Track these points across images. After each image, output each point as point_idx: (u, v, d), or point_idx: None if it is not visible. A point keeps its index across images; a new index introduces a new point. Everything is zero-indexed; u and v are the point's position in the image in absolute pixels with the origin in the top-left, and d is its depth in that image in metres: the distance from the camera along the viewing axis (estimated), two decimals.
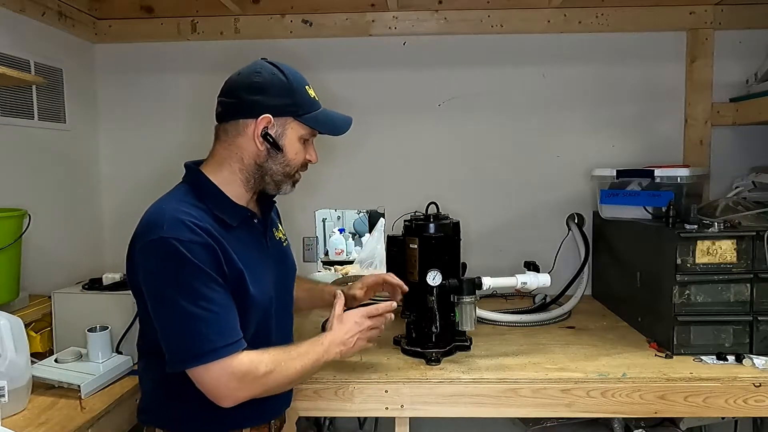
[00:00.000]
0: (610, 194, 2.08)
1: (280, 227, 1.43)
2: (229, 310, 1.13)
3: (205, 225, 1.14)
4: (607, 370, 1.57)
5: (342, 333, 1.30)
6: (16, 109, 1.95)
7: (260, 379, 1.13)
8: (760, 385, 1.50)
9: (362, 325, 1.33)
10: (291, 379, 1.19)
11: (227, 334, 1.11)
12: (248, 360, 1.12)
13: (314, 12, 2.37)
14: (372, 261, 2.85)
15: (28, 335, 1.51)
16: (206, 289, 1.10)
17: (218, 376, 1.10)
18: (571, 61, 2.39)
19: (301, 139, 1.25)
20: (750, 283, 1.64)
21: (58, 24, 2.16)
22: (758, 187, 2.11)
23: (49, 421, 1.31)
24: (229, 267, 1.14)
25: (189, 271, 1.09)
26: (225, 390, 1.11)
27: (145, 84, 2.46)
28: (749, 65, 2.29)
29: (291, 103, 1.22)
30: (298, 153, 1.26)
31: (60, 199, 2.19)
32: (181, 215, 1.13)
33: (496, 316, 2.02)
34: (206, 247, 1.11)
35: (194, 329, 1.09)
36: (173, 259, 1.09)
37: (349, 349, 1.30)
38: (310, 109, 1.25)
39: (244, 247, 1.21)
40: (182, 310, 1.08)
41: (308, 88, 1.26)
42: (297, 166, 1.27)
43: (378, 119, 2.44)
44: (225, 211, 1.21)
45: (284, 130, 1.22)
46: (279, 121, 1.21)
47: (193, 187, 1.23)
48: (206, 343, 1.08)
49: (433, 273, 1.62)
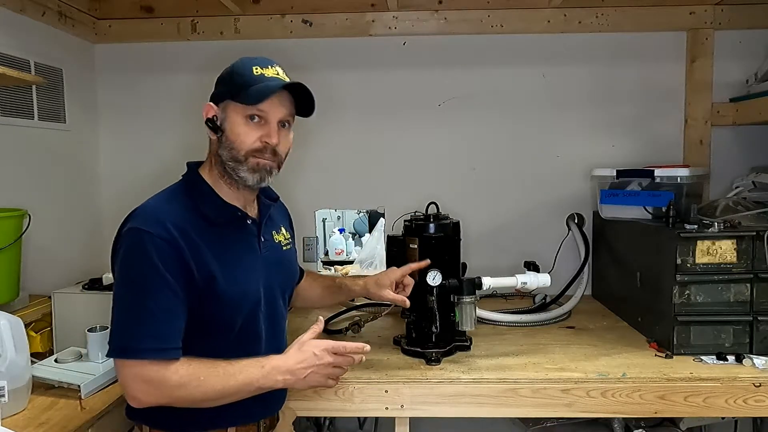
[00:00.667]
0: (610, 194, 2.08)
1: (282, 230, 1.41)
2: (172, 317, 1.12)
3: (183, 224, 1.15)
4: (607, 370, 1.57)
5: (293, 362, 1.21)
6: (16, 109, 1.95)
7: (169, 390, 1.11)
8: (760, 385, 1.50)
9: (321, 359, 1.22)
10: (209, 397, 1.14)
11: (159, 338, 1.10)
12: (163, 368, 1.10)
13: (314, 12, 2.37)
14: (372, 261, 2.84)
15: (28, 335, 1.51)
16: (156, 290, 1.10)
17: (132, 375, 1.11)
18: (571, 61, 2.39)
19: (245, 119, 1.20)
20: (750, 283, 1.64)
21: (58, 24, 2.16)
22: (758, 187, 2.11)
23: (49, 421, 1.31)
24: (198, 268, 1.14)
25: (146, 268, 1.10)
26: (132, 390, 1.12)
27: (145, 84, 2.46)
28: (749, 65, 2.29)
29: (230, 86, 1.22)
30: (242, 134, 1.20)
31: (60, 199, 2.19)
32: (160, 212, 1.16)
33: (496, 316, 2.02)
34: (173, 245, 1.12)
35: (129, 323, 1.11)
36: (137, 252, 1.11)
37: (299, 380, 1.21)
38: (249, 87, 1.19)
39: (228, 247, 1.21)
40: (127, 302, 1.12)
41: (258, 69, 1.22)
42: (246, 149, 1.21)
43: (378, 119, 2.44)
44: (212, 210, 1.22)
45: (225, 114, 1.22)
46: (221, 106, 1.23)
47: (186, 186, 1.26)
48: (133, 340, 1.10)
49: (433, 273, 1.62)
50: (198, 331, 1.17)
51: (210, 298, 1.16)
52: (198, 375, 1.12)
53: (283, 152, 1.27)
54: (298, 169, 2.38)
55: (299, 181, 2.38)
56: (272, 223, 1.37)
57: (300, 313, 2.22)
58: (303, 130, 2.41)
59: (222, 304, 1.18)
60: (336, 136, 2.43)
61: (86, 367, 1.51)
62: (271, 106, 1.21)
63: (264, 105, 1.19)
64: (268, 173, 1.24)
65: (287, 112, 1.24)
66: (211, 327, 1.20)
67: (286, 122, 1.26)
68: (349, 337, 1.88)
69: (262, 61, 1.24)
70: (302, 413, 1.56)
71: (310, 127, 2.43)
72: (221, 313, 1.19)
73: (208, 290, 1.16)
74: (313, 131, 2.43)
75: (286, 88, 1.22)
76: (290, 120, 1.27)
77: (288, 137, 1.28)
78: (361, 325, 1.90)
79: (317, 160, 2.43)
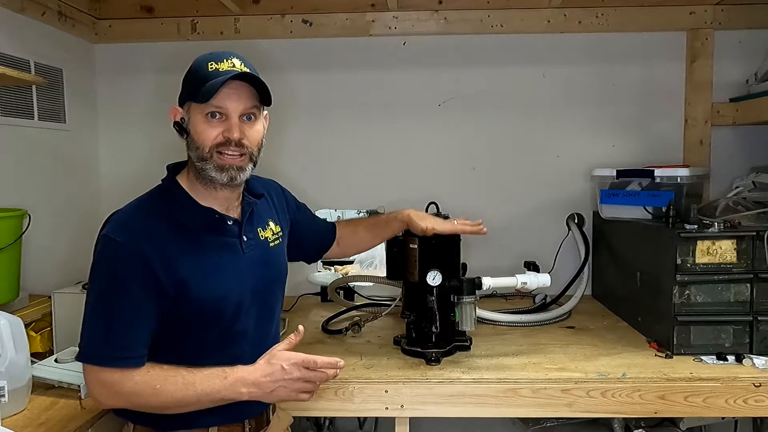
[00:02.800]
0: (610, 194, 2.08)
1: (271, 225, 1.37)
2: (131, 327, 1.13)
3: (153, 232, 1.16)
4: (607, 370, 1.57)
5: (260, 374, 1.16)
6: (16, 109, 1.94)
7: (125, 396, 1.13)
8: (760, 385, 1.49)
9: (290, 374, 1.17)
10: (166, 405, 1.14)
11: (115, 347, 1.12)
12: (120, 374, 1.12)
13: (314, 12, 2.37)
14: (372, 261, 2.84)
15: (28, 335, 1.51)
16: (116, 301, 1.13)
17: (91, 378, 1.14)
18: (571, 61, 2.39)
19: (206, 117, 1.19)
20: (750, 283, 1.64)
21: (58, 24, 2.16)
22: (758, 187, 2.11)
23: (49, 421, 1.31)
24: (167, 275, 1.14)
25: (110, 278, 1.13)
26: (92, 392, 1.15)
27: (145, 84, 2.45)
28: (749, 65, 2.29)
29: (188, 86, 1.22)
30: (203, 132, 1.19)
31: (60, 199, 2.19)
32: (130, 220, 1.18)
33: (496, 316, 2.02)
34: (139, 255, 1.13)
35: (92, 329, 1.14)
36: (104, 260, 1.15)
37: (265, 394, 1.17)
38: (203, 84, 1.16)
39: (203, 251, 1.20)
40: (91, 309, 1.14)
41: (213, 64, 1.19)
42: (208, 146, 1.19)
43: (378, 119, 2.44)
44: (186, 215, 1.21)
45: (189, 114, 1.22)
46: (185, 107, 1.23)
47: (161, 191, 1.26)
48: (93, 346, 1.13)
49: (433, 273, 1.62)
50: (178, 332, 1.18)
51: (183, 303, 1.16)
52: (154, 383, 1.12)
53: (253, 145, 1.22)
54: (298, 169, 2.38)
55: (299, 181, 2.37)
56: (257, 220, 1.34)
57: (300, 312, 2.23)
58: (303, 129, 2.43)
59: (197, 309, 1.17)
60: (336, 136, 2.43)
61: None
62: (228, 100, 1.18)
63: (219, 100, 1.17)
64: (238, 171, 1.21)
65: (248, 103, 1.20)
66: (190, 328, 1.20)
67: (250, 114, 1.22)
68: (349, 337, 1.88)
69: (218, 56, 1.21)
70: (302, 413, 1.56)
71: (309, 127, 2.44)
72: (198, 316, 1.18)
73: (180, 296, 1.16)
74: (312, 131, 2.43)
75: (238, 79, 1.18)
76: (254, 112, 1.23)
77: (254, 129, 1.23)
78: (361, 325, 1.90)
79: (317, 160, 2.43)
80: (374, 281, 2.18)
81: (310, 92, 2.43)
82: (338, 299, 2.31)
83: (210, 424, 1.23)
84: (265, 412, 1.33)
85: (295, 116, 2.40)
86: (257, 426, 1.31)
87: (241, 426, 1.27)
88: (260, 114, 1.26)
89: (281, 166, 2.27)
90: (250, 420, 1.28)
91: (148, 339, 1.15)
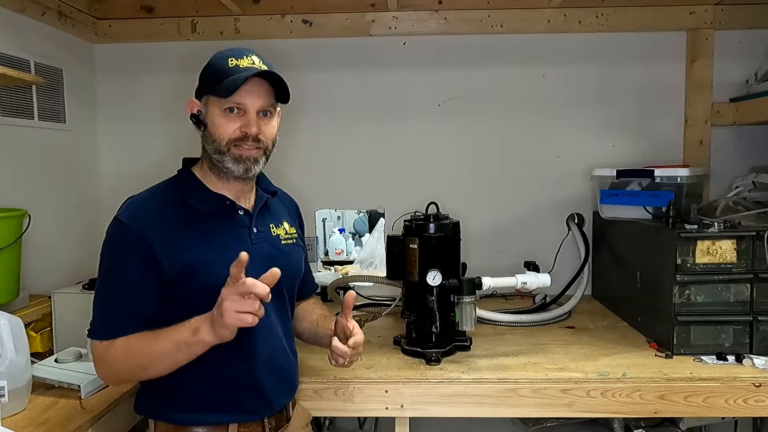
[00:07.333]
0: (610, 194, 2.08)
1: (285, 225, 1.38)
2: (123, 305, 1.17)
3: (161, 215, 1.20)
4: (607, 370, 1.57)
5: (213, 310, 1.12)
6: (16, 109, 1.94)
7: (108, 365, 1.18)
8: (760, 385, 1.50)
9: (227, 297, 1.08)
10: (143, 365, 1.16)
11: (109, 323, 1.17)
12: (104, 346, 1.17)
13: (314, 12, 2.37)
14: (372, 261, 2.84)
15: (28, 335, 1.51)
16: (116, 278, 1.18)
17: (93, 355, 1.21)
18: (571, 61, 2.39)
19: (224, 112, 1.21)
20: (750, 283, 1.64)
21: (58, 24, 2.16)
22: (758, 187, 2.11)
23: (49, 421, 1.31)
24: (169, 257, 1.17)
25: (112, 257, 1.19)
26: (96, 369, 1.22)
27: (145, 84, 2.46)
28: (749, 65, 2.29)
29: (207, 80, 1.24)
30: (222, 126, 1.21)
31: (60, 199, 2.19)
32: (140, 204, 1.22)
33: (496, 316, 2.02)
34: (140, 236, 1.16)
35: (94, 306, 1.20)
36: (109, 241, 1.20)
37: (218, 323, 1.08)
38: (223, 79, 1.19)
39: (212, 234, 1.23)
40: (97, 287, 1.21)
41: (233, 60, 1.22)
42: (226, 140, 1.21)
43: (378, 119, 2.44)
44: (198, 200, 1.24)
45: (207, 108, 1.24)
46: (203, 101, 1.26)
47: (175, 179, 1.30)
48: (93, 323, 1.20)
49: (433, 273, 1.62)
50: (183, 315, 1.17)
51: (186, 284, 1.18)
52: (128, 344, 1.17)
53: (268, 140, 1.26)
54: (298, 169, 2.38)
55: (298, 181, 2.37)
56: (270, 216, 1.35)
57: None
58: (303, 129, 2.43)
59: (201, 289, 1.17)
60: (336, 136, 2.43)
61: (86, 367, 1.51)
62: (247, 97, 1.21)
63: (239, 96, 1.19)
64: (254, 162, 1.24)
65: (266, 100, 1.23)
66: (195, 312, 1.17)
67: (267, 111, 1.25)
68: None
69: (237, 52, 1.24)
70: None
71: (309, 127, 2.44)
72: (202, 297, 1.16)
73: (183, 277, 1.18)
74: (312, 131, 2.43)
75: (259, 76, 1.21)
76: (271, 109, 1.26)
77: (270, 125, 1.26)
78: (361, 325, 1.89)
79: (317, 160, 2.43)
80: (374, 281, 2.18)
81: (309, 92, 2.42)
82: (338, 299, 2.30)
83: (229, 421, 1.23)
84: (284, 409, 1.33)
85: (295, 116, 2.39)
86: (277, 425, 1.31)
87: (260, 424, 1.26)
88: (276, 110, 1.29)
89: (281, 166, 2.27)
90: (270, 418, 1.28)
91: (144, 318, 1.18)
